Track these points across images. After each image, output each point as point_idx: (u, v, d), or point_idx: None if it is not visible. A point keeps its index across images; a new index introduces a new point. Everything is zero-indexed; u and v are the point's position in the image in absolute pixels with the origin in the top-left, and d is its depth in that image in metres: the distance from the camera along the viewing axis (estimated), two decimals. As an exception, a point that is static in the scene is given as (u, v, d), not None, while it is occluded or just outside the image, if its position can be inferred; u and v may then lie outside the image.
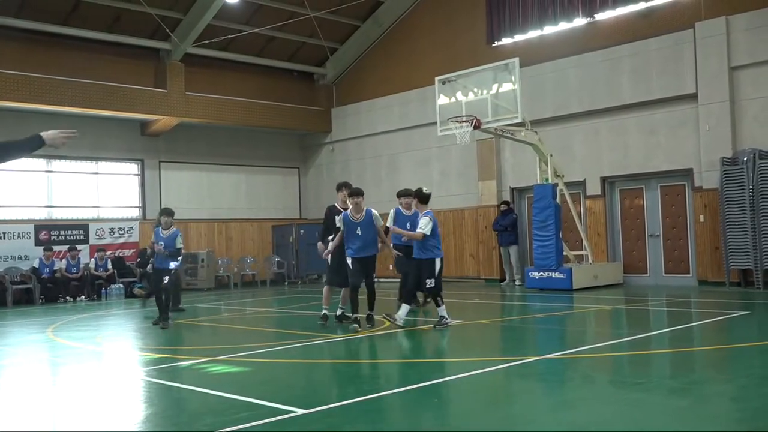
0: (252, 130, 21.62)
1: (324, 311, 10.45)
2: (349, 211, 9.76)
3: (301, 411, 5.12)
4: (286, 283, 21.15)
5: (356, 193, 9.74)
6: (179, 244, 10.90)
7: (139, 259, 18.58)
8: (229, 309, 14.48)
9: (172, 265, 11.01)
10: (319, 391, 6.27)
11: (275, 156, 22.64)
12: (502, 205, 17.47)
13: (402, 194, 10.41)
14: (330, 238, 10.35)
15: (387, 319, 9.71)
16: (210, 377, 7.03)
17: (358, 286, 9.68)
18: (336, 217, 10.11)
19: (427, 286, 9.52)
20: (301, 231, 21.07)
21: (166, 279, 10.87)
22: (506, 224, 17.15)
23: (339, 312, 10.45)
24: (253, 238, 21.87)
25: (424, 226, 9.49)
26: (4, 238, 17.09)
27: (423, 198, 10.11)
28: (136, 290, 17.82)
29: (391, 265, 15.39)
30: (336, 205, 10.62)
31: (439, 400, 5.67)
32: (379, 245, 9.84)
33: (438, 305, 9.60)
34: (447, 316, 9.61)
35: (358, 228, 9.60)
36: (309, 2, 19.09)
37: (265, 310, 14.11)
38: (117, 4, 17.55)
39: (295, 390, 6.37)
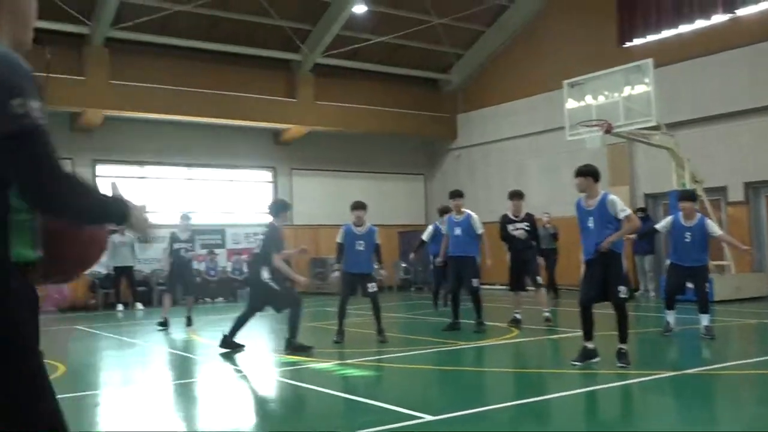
0: (378, 137, 21.94)
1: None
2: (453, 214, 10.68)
3: (428, 417, 5.15)
4: (412, 288, 21.28)
5: (454, 195, 10.70)
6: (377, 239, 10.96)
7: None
8: (357, 313, 14.74)
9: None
10: (447, 398, 6.27)
11: (401, 163, 22.88)
12: (639, 212, 16.79)
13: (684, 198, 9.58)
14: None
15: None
16: (340, 380, 7.20)
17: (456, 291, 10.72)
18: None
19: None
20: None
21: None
22: (644, 232, 16.43)
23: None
24: (380, 243, 22.13)
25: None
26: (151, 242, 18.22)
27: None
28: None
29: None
30: (507, 213, 10.84)
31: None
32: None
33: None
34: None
35: (457, 228, 10.42)
36: (434, 9, 19.20)
37: (392, 315, 14.26)
38: (252, 18, 18.36)
39: (423, 396, 6.41)
